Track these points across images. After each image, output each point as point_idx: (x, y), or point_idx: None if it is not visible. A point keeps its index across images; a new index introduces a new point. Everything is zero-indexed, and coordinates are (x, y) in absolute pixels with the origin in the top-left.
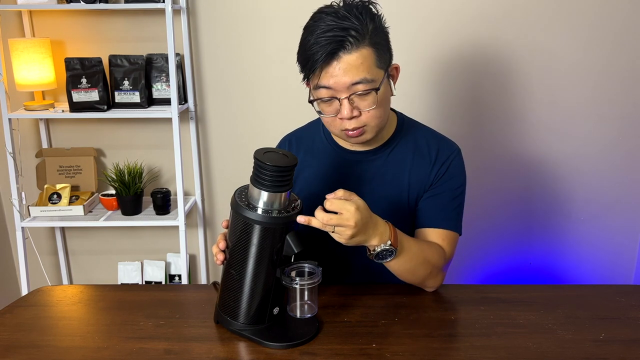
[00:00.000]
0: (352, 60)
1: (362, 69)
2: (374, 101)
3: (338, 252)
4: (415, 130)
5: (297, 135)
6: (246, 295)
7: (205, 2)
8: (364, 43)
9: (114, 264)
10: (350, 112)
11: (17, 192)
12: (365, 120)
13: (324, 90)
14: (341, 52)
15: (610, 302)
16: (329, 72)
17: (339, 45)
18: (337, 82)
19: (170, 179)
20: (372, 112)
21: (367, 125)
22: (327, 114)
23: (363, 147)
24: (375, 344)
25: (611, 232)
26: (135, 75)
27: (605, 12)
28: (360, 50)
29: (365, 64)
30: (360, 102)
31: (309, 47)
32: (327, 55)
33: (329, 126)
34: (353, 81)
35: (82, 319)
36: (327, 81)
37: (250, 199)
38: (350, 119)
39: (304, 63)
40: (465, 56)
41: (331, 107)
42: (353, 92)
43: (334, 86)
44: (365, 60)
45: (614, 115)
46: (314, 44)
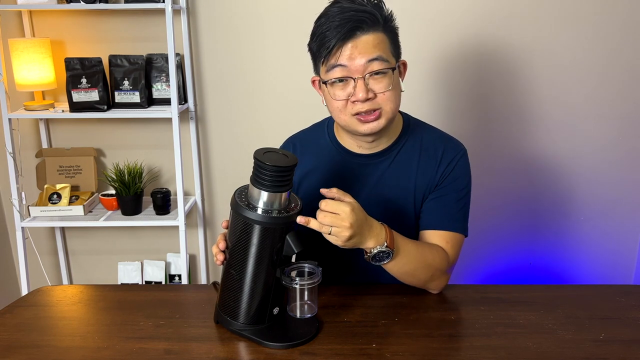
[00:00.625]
0: (369, 40)
1: (378, 48)
2: (390, 82)
3: (338, 252)
4: (421, 131)
5: (301, 138)
6: (246, 295)
7: (205, 2)
8: (379, 28)
9: (114, 264)
10: (366, 93)
11: (17, 192)
12: (380, 102)
13: (338, 70)
14: (358, 32)
15: (610, 302)
16: (345, 51)
17: (357, 24)
18: (354, 62)
19: (170, 179)
20: (387, 94)
21: (382, 109)
22: (339, 97)
23: (370, 149)
24: (375, 344)
25: (611, 232)
26: (135, 75)
27: (607, 12)
28: (376, 33)
29: (381, 46)
30: (375, 85)
31: (325, 28)
32: (346, 33)
33: (340, 113)
34: (370, 58)
35: (82, 319)
36: (343, 59)
37: (250, 199)
38: (364, 101)
39: (320, 44)
40: (469, 56)
41: (344, 90)
42: (368, 71)
43: (350, 65)
44: (381, 43)
45: (615, 115)
46: (330, 26)
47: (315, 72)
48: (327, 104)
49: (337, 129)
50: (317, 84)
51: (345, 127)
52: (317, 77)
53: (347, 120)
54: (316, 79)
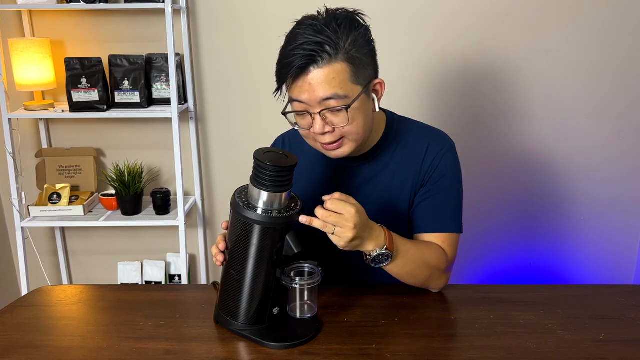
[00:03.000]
0: (323, 76)
1: (333, 84)
2: (346, 118)
3: (338, 252)
4: (406, 129)
5: (289, 135)
6: (246, 295)
7: (205, 2)
8: (337, 58)
9: (114, 264)
10: (322, 127)
11: (17, 192)
12: (341, 132)
13: (297, 104)
14: (312, 67)
15: (610, 302)
16: (301, 86)
17: (310, 59)
18: (309, 97)
19: (170, 179)
20: (347, 128)
21: (344, 138)
22: (302, 127)
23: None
24: (375, 344)
25: (611, 232)
26: (135, 75)
27: (605, 12)
28: (333, 65)
29: (337, 79)
30: (334, 118)
31: (283, 59)
32: (298, 69)
33: (306, 139)
34: (324, 97)
35: (82, 319)
36: (299, 95)
37: (250, 199)
38: (323, 134)
39: (278, 74)
40: (464, 56)
41: (305, 120)
42: (325, 107)
43: (306, 100)
44: (338, 76)
45: (614, 114)
46: (288, 56)
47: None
48: None
49: None
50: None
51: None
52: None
53: (315, 146)
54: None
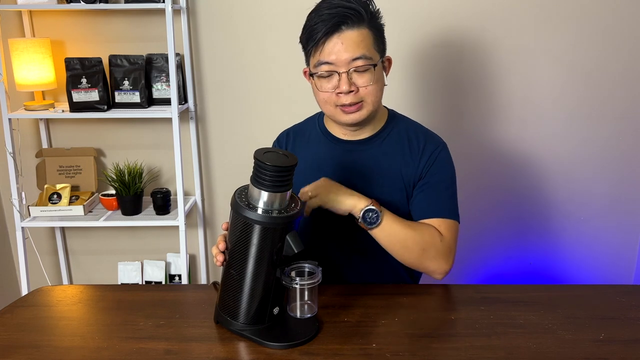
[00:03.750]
0: (353, 36)
1: (362, 46)
2: (371, 78)
3: (338, 252)
4: (405, 124)
5: (295, 129)
6: (246, 295)
7: (205, 2)
8: (364, 24)
9: (114, 264)
10: (349, 86)
11: (17, 192)
12: (362, 95)
13: (325, 66)
14: (344, 27)
15: (610, 302)
16: (330, 46)
17: (342, 19)
18: (338, 57)
19: (170, 179)
20: (370, 88)
21: (364, 101)
22: (325, 89)
23: (355, 136)
24: (375, 344)
25: (611, 232)
26: (135, 75)
27: (605, 12)
28: (361, 29)
29: (364, 42)
30: (358, 79)
31: (314, 23)
32: (331, 27)
33: (326, 104)
34: (353, 56)
35: (82, 319)
36: (329, 56)
37: (250, 199)
38: (347, 94)
39: (308, 37)
40: (464, 56)
41: (330, 83)
42: (352, 67)
43: (335, 61)
44: (365, 39)
45: (614, 114)
46: (318, 20)
47: (306, 64)
48: (315, 94)
49: (326, 119)
50: (308, 74)
51: (331, 117)
52: (307, 68)
53: (332, 111)
54: (307, 70)
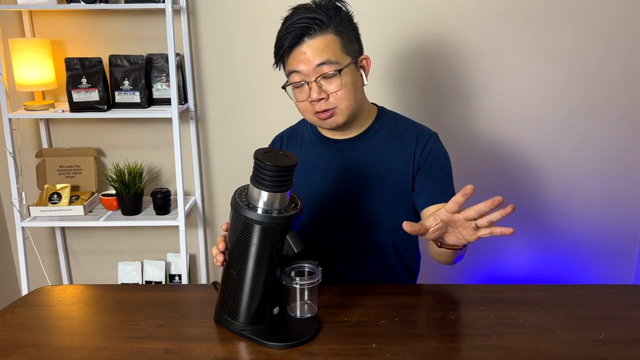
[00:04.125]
0: (316, 44)
1: (326, 51)
2: (340, 83)
3: (338, 252)
4: (394, 119)
5: (288, 132)
6: (246, 295)
7: (205, 2)
8: (328, 30)
9: (114, 264)
10: (318, 94)
11: (17, 192)
12: (333, 102)
13: (294, 75)
14: (306, 37)
15: (610, 302)
16: (296, 56)
17: (304, 30)
18: (304, 65)
19: (170, 179)
20: (339, 94)
21: (336, 107)
22: (301, 99)
23: (344, 135)
24: (375, 344)
25: (611, 232)
26: (135, 75)
27: (606, 12)
28: (324, 36)
29: (329, 48)
30: (328, 86)
31: (281, 35)
32: (294, 39)
33: (304, 112)
34: (318, 62)
35: (82, 319)
36: (296, 65)
37: (250, 199)
38: (318, 101)
39: (276, 50)
40: (464, 56)
41: (302, 92)
42: (320, 74)
43: (302, 69)
44: (330, 45)
45: (614, 114)
46: (285, 32)
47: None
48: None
49: None
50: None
51: (313, 124)
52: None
53: (311, 118)
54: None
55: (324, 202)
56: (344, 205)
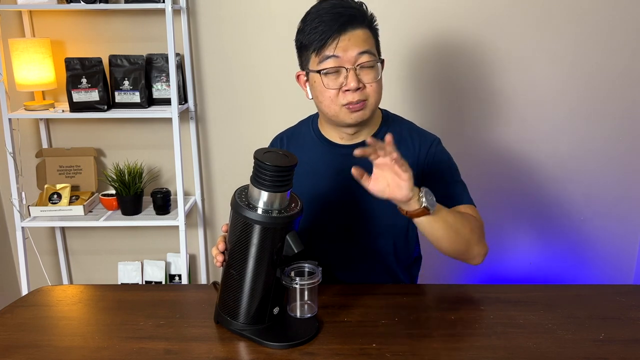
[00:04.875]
0: (359, 34)
1: (367, 43)
2: (378, 74)
3: (338, 252)
4: (399, 124)
5: (288, 134)
6: (246, 295)
7: (205, 2)
8: (366, 25)
9: (114, 264)
10: (357, 83)
11: (17, 192)
12: (368, 92)
13: (331, 61)
14: (350, 26)
15: (610, 302)
16: (338, 43)
17: (349, 18)
18: (346, 52)
19: (170, 179)
20: (375, 85)
21: (367, 100)
22: (331, 87)
23: (351, 140)
24: (375, 344)
25: (611, 232)
26: (135, 75)
27: (606, 12)
28: (365, 29)
29: (369, 41)
30: (365, 76)
31: (317, 23)
32: (340, 26)
33: (331, 103)
34: (360, 50)
35: (82, 319)
36: (337, 51)
37: (250, 199)
38: (355, 91)
39: (312, 37)
40: (464, 55)
41: (336, 80)
42: (359, 63)
43: (342, 56)
44: (369, 39)
45: (615, 114)
46: (322, 20)
47: (301, 67)
48: (315, 96)
49: (321, 123)
50: (303, 77)
51: (333, 118)
52: (302, 71)
53: (336, 111)
54: (301, 74)
55: (326, 206)
56: (346, 209)
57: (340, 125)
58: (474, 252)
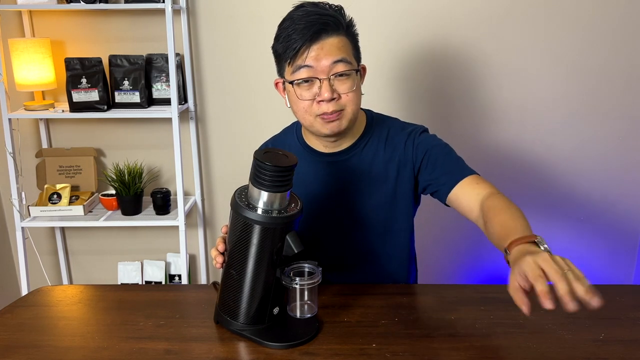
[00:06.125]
0: (334, 42)
1: (343, 50)
2: (353, 84)
3: (338, 252)
4: (384, 125)
5: (274, 141)
6: (246, 295)
7: (205, 2)
8: (341, 32)
9: (114, 264)
10: (331, 93)
11: (17, 192)
12: (344, 103)
13: (304, 71)
14: (323, 34)
15: (610, 302)
16: (311, 52)
17: (322, 26)
18: (319, 62)
19: (170, 179)
20: (351, 95)
21: (344, 110)
22: (305, 98)
23: (336, 147)
24: (375, 344)
25: (611, 232)
26: (135, 75)
27: (607, 12)
28: (340, 36)
29: (345, 48)
30: (340, 86)
31: (291, 30)
32: (312, 35)
33: (305, 113)
34: (335, 59)
35: (82, 319)
36: (309, 60)
37: (250, 199)
38: (329, 101)
39: (286, 46)
40: (465, 56)
41: (310, 90)
42: (333, 72)
43: (315, 65)
44: (345, 45)
45: (615, 114)
46: (296, 28)
47: (279, 74)
48: (291, 105)
49: (304, 131)
50: (281, 86)
51: (309, 128)
52: (280, 79)
53: (311, 121)
54: (279, 81)
55: (314, 215)
56: (335, 216)
57: (318, 135)
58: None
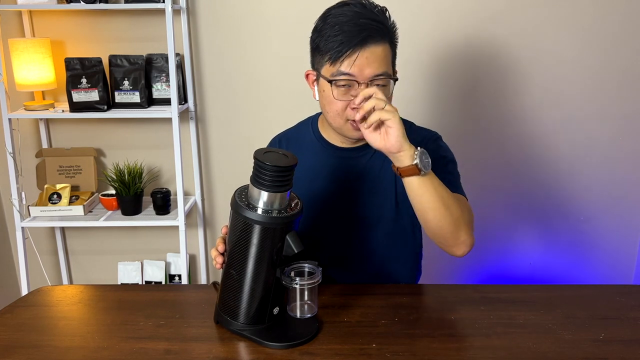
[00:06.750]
0: (378, 52)
1: (384, 62)
2: (388, 92)
3: (338, 252)
4: None
5: (287, 135)
6: (246, 295)
7: (205, 2)
8: (386, 40)
9: (114, 264)
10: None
11: (17, 192)
12: None
13: (343, 78)
14: (370, 41)
15: (610, 302)
16: (355, 59)
17: (370, 33)
18: (361, 71)
19: (170, 179)
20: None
21: None
22: (341, 99)
23: (352, 144)
24: (375, 344)
25: (611, 232)
26: (135, 75)
27: (605, 11)
28: (385, 45)
29: (387, 59)
30: None
31: (337, 30)
32: (359, 42)
33: (337, 116)
34: (376, 73)
35: (82, 319)
36: (353, 69)
37: (250, 199)
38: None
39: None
40: (468, 55)
41: (347, 94)
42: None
43: (357, 74)
44: (387, 56)
45: (615, 115)
46: (343, 29)
47: (312, 67)
48: (322, 103)
49: (323, 125)
50: (312, 77)
51: (337, 129)
52: (313, 71)
53: (341, 124)
54: (311, 73)
55: (327, 209)
56: (347, 212)
57: (344, 136)
58: (461, 237)
